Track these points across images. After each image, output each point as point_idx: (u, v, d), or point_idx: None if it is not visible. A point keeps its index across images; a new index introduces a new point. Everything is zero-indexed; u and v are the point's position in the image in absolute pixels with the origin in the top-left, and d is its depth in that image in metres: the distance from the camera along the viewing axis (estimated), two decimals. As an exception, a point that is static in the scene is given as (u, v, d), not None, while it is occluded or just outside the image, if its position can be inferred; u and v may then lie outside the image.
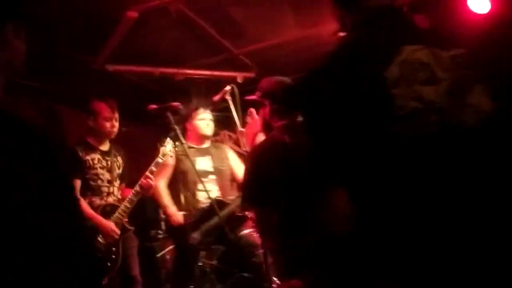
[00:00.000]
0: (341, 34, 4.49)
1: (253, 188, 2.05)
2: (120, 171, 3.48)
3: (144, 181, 3.30)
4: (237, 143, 6.34)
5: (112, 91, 5.09)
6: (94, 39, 3.94)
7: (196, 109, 3.81)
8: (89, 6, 3.33)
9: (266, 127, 2.20)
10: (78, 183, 3.16)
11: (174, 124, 3.09)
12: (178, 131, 3.12)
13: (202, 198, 3.71)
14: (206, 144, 3.93)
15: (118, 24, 3.68)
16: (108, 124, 3.42)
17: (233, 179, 3.79)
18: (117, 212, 3.26)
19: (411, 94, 1.06)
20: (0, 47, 1.01)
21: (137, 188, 3.30)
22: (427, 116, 1.06)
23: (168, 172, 3.65)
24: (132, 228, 3.41)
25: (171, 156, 3.42)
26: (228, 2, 3.74)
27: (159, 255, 4.81)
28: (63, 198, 0.88)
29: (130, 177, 3.63)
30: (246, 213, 4.86)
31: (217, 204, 3.49)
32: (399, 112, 1.05)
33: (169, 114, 3.12)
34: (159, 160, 3.35)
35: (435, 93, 1.08)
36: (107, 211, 3.29)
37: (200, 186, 3.62)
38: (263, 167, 1.98)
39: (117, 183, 3.44)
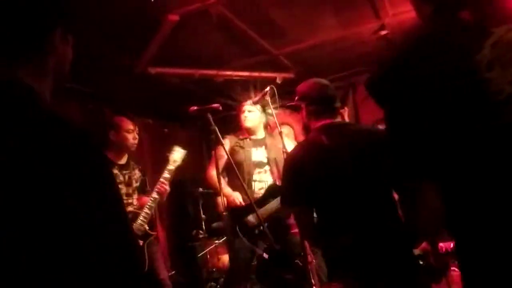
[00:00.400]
0: (382, 33, 4.41)
1: (291, 188, 2.03)
2: (138, 184, 3.55)
3: (159, 187, 3.38)
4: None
5: (154, 94, 5.23)
6: (137, 42, 4.03)
7: (240, 103, 3.85)
8: (131, 10, 3.40)
9: (305, 130, 2.20)
10: None
11: (213, 125, 3.12)
12: (218, 132, 3.15)
13: (257, 188, 3.74)
14: (261, 135, 3.94)
15: (160, 27, 3.75)
16: (130, 137, 3.51)
17: None
18: (138, 219, 3.33)
19: (508, 77, 0.98)
20: (48, 53, 1.03)
21: (154, 195, 3.37)
22: None
23: (220, 163, 3.59)
24: (154, 233, 3.47)
25: (180, 163, 3.49)
26: (268, 3, 3.75)
27: (200, 254, 4.88)
28: (107, 203, 0.90)
29: (175, 177, 3.65)
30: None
31: (273, 189, 3.53)
32: (496, 97, 0.96)
33: (209, 115, 3.16)
34: (171, 167, 3.44)
35: None
36: (129, 218, 3.36)
37: (255, 177, 3.68)
38: (301, 168, 1.97)
39: (135, 195, 3.51)
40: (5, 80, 0.93)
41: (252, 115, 3.87)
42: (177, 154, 3.50)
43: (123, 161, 3.51)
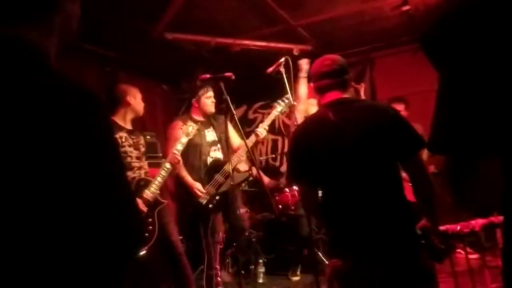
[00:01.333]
0: (404, 8, 4.28)
1: (296, 163, 2.02)
2: (144, 149, 3.60)
3: (172, 157, 3.43)
4: (289, 116, 6.33)
5: (170, 60, 5.23)
6: (155, 7, 4.01)
7: (205, 88, 3.91)
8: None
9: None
10: None
11: (225, 94, 3.11)
12: (229, 101, 3.14)
13: None
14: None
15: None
16: (142, 104, 3.58)
17: (232, 147, 3.99)
18: (151, 187, 3.38)
19: None
20: (53, 10, 1.01)
21: (167, 165, 3.43)
22: None
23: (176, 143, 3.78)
24: (165, 201, 3.52)
25: (194, 135, 3.60)
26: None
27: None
28: (109, 166, 0.91)
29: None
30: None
31: (216, 164, 3.91)
32: None
33: (221, 84, 3.15)
34: (183, 140, 3.50)
35: None
36: (141, 185, 3.40)
37: (211, 154, 3.97)
38: (306, 143, 1.95)
39: (144, 158, 3.57)
40: (8, 37, 0.93)
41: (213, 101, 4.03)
42: (189, 128, 3.55)
43: (130, 126, 3.55)
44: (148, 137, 3.94)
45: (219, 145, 4.04)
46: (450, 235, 2.68)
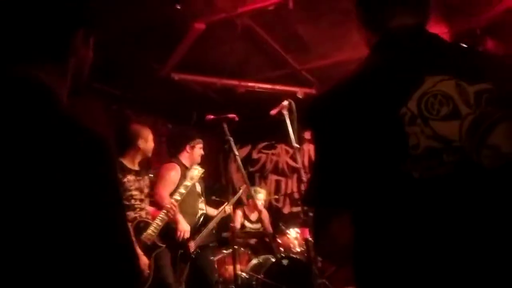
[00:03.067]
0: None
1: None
2: (148, 190, 3.62)
3: (171, 206, 3.45)
4: (293, 157, 6.34)
5: (176, 99, 5.29)
6: (163, 48, 4.10)
7: (199, 138, 4.02)
8: (159, 16, 3.46)
9: None
10: None
11: (228, 135, 3.13)
12: (232, 142, 3.16)
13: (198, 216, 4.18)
14: None
15: (186, 35, 3.80)
16: (152, 145, 3.62)
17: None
18: (149, 229, 3.36)
19: (427, 133, 1.00)
20: (68, 54, 1.04)
21: (165, 211, 3.44)
22: (443, 156, 1.00)
23: (173, 185, 3.89)
24: (163, 245, 3.49)
25: (197, 180, 3.65)
26: (295, 18, 3.76)
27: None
28: (111, 212, 0.91)
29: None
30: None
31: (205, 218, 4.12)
32: (412, 151, 0.99)
33: (224, 125, 3.17)
34: (187, 183, 3.52)
35: (455, 131, 1.01)
36: (141, 227, 3.40)
37: (200, 205, 4.14)
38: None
39: (147, 200, 3.57)
40: (23, 76, 0.95)
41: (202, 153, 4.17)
42: (195, 172, 3.58)
43: (137, 167, 3.56)
44: (151, 175, 3.95)
45: (202, 198, 4.16)
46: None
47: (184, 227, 3.77)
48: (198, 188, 4.15)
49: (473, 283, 0.99)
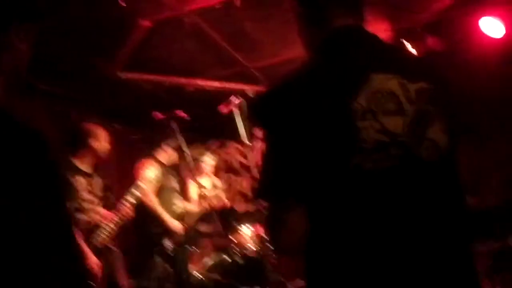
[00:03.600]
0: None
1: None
2: (101, 193, 3.49)
3: (122, 210, 3.37)
4: (243, 155, 6.35)
5: (124, 99, 5.17)
6: (109, 46, 3.99)
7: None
8: (104, 13, 3.37)
9: None
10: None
11: (178, 134, 3.10)
12: (182, 140, 3.13)
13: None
14: None
15: (132, 33, 3.72)
16: (107, 146, 3.50)
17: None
18: (102, 233, 3.27)
19: (376, 127, 1.05)
20: (4, 50, 1.00)
21: (119, 214, 3.35)
22: (390, 149, 1.06)
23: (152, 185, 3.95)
24: (116, 250, 3.41)
25: (150, 182, 3.58)
26: (243, 16, 3.76)
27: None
28: (52, 217, 0.88)
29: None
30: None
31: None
32: (363, 145, 1.04)
33: (174, 124, 3.13)
34: (141, 184, 3.46)
35: (400, 126, 1.07)
36: (93, 230, 3.31)
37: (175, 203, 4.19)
38: None
39: (101, 202, 3.46)
40: None
41: None
42: (151, 173, 3.48)
43: (89, 169, 3.44)
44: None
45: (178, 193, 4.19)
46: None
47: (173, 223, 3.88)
48: (175, 184, 4.16)
49: (416, 273, 1.03)
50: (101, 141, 3.45)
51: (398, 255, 1.04)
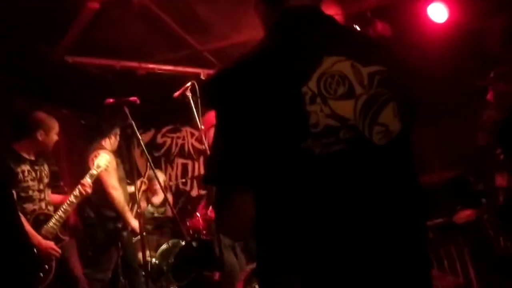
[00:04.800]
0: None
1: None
2: (48, 179, 3.40)
3: (80, 189, 3.30)
4: (198, 139, 6.32)
5: (72, 83, 5.00)
6: (55, 29, 3.83)
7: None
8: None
9: None
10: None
11: (130, 119, 3.04)
12: (134, 126, 3.07)
13: None
14: None
15: (79, 15, 3.59)
16: (56, 138, 3.39)
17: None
18: (50, 222, 3.19)
19: (326, 111, 1.05)
20: None
21: (72, 198, 3.27)
22: (340, 133, 1.06)
23: (110, 174, 3.93)
24: (66, 238, 3.34)
25: (105, 169, 3.52)
26: (193, -1, 3.72)
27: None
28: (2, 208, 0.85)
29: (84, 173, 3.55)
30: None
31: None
32: (312, 129, 1.04)
33: (125, 109, 3.07)
34: (93, 172, 3.40)
35: (350, 110, 1.07)
36: (41, 219, 3.21)
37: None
38: None
39: (47, 190, 3.37)
40: None
41: None
42: (102, 160, 3.42)
43: (33, 156, 3.31)
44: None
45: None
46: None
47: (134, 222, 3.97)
48: (122, 173, 4.14)
49: (368, 256, 1.05)
50: (50, 134, 3.32)
51: (346, 237, 1.05)
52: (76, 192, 3.30)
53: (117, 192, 3.95)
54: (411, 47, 3.86)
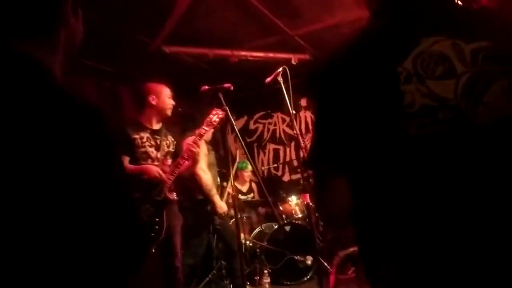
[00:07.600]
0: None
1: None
2: (170, 149, 3.57)
3: (188, 152, 3.41)
4: (290, 125, 6.33)
5: (169, 72, 5.23)
6: (153, 20, 4.02)
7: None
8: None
9: None
10: (126, 159, 3.27)
11: (225, 105, 3.11)
12: (229, 112, 3.14)
13: None
14: None
15: (175, 5, 3.73)
16: (169, 102, 3.56)
17: None
18: (162, 186, 3.34)
19: (423, 90, 1.01)
20: (59, 27, 1.02)
21: (180, 160, 3.39)
22: (439, 113, 1.01)
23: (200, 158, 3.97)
24: (175, 198, 3.49)
25: (217, 125, 3.58)
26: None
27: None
28: (109, 172, 0.91)
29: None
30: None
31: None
32: (408, 110, 1.00)
33: (220, 95, 3.14)
34: (205, 128, 3.49)
35: (450, 89, 1.02)
36: (153, 183, 3.34)
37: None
38: None
39: (167, 161, 3.53)
40: (14, 53, 0.93)
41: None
42: (215, 117, 3.52)
43: (156, 126, 3.53)
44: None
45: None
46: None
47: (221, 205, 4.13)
48: (213, 159, 4.28)
49: (468, 239, 0.99)
50: (161, 97, 3.51)
51: (443, 220, 1.01)
52: (184, 155, 3.43)
53: (206, 175, 4.06)
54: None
